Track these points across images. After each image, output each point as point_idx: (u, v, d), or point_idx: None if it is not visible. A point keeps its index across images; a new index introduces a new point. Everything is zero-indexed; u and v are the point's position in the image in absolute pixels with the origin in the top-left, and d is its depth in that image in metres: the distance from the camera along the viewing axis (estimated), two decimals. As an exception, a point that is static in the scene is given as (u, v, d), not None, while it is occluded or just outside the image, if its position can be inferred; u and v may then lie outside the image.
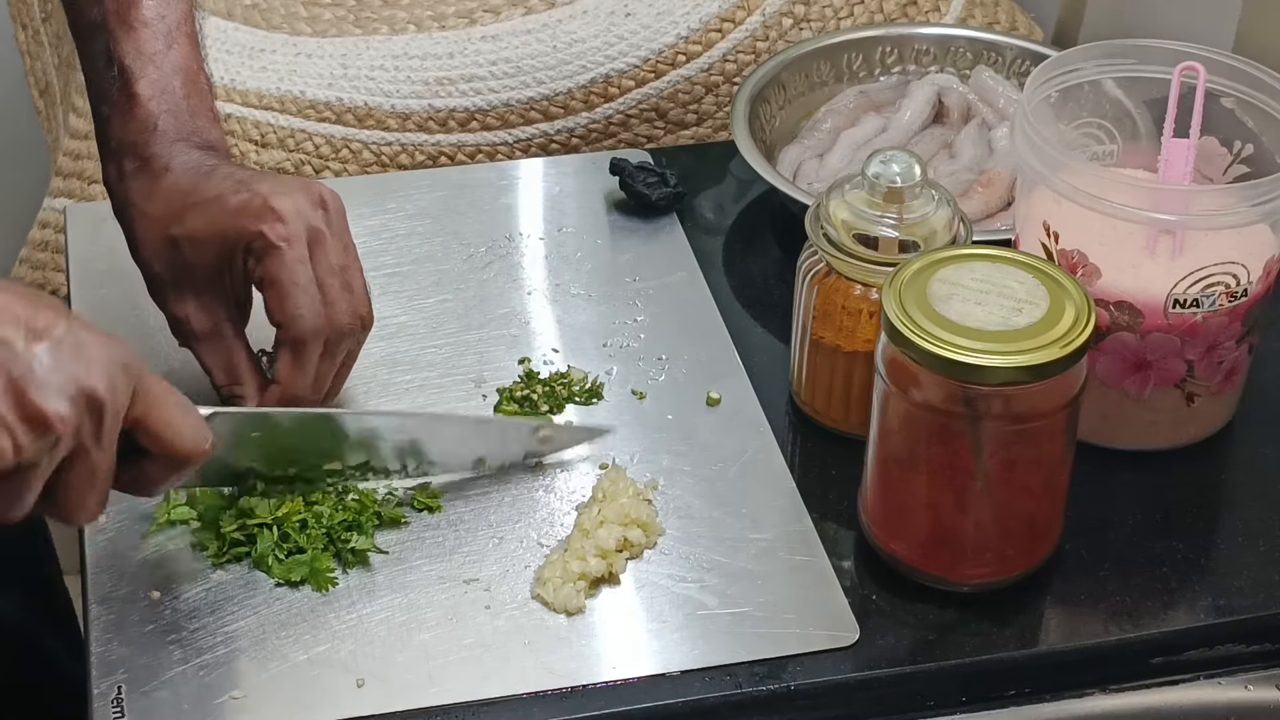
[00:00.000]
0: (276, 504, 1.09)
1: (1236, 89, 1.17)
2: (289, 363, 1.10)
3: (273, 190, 1.09)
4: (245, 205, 1.09)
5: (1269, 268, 1.14)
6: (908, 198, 1.13)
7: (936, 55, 1.51)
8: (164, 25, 1.15)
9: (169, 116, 1.14)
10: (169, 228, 1.11)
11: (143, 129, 1.13)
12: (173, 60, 1.15)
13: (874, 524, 1.11)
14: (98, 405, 0.90)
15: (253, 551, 1.08)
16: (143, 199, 1.12)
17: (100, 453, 0.92)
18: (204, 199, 1.10)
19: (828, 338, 1.17)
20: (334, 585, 1.07)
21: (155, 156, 1.12)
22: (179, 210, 1.11)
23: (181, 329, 1.13)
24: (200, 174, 1.11)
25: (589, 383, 1.22)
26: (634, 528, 1.10)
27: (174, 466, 0.98)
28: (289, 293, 1.08)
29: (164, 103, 1.14)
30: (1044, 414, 1.04)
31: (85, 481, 0.92)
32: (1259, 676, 1.09)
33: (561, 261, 1.34)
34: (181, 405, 0.97)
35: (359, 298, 1.12)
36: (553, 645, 1.05)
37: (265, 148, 1.59)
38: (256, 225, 1.08)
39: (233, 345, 1.13)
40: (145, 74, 1.14)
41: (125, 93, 1.14)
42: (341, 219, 1.12)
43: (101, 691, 1.02)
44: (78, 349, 0.90)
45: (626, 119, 1.61)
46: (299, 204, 1.09)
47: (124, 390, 0.92)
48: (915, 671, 1.06)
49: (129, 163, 1.13)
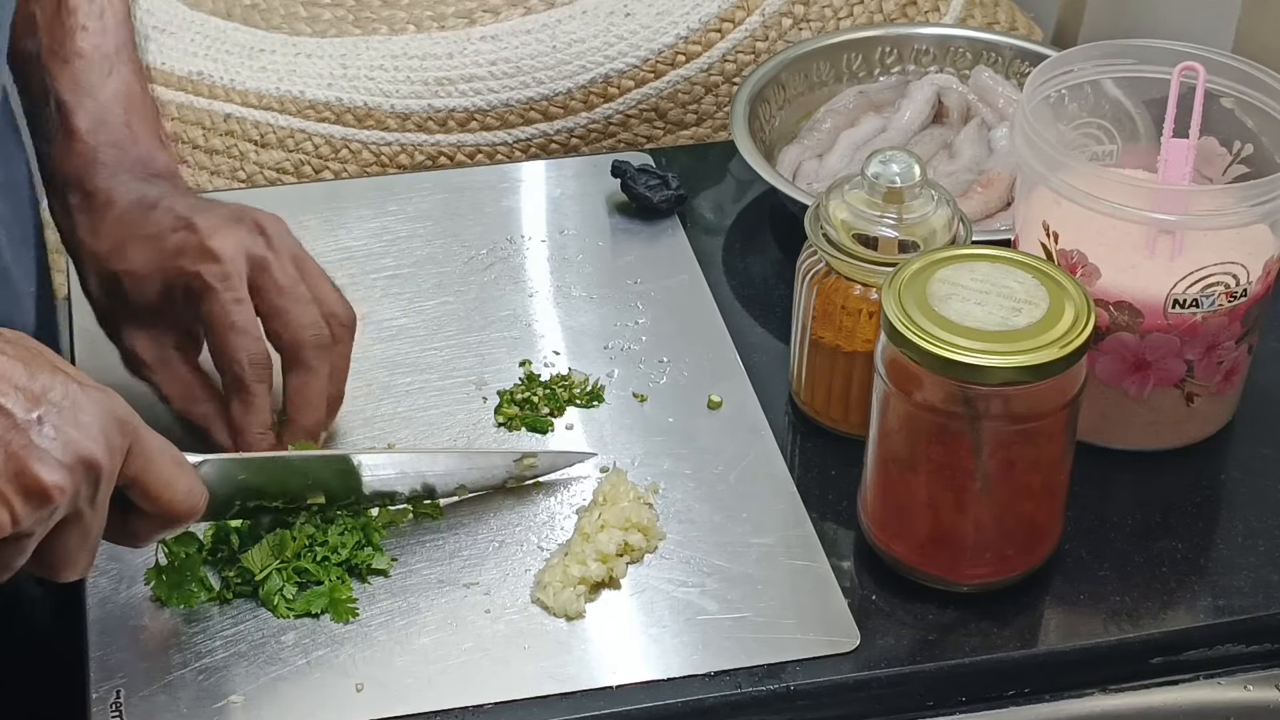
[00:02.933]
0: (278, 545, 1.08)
1: (1236, 89, 1.17)
2: (238, 406, 1.10)
3: (210, 228, 1.09)
4: (183, 245, 1.09)
5: (1269, 268, 1.14)
6: (907, 198, 1.13)
7: (936, 55, 1.51)
8: (100, 54, 1.15)
9: (109, 148, 1.13)
10: (110, 263, 1.11)
11: (84, 162, 1.13)
12: (112, 89, 1.14)
13: (874, 524, 1.11)
14: (95, 471, 0.90)
15: (260, 591, 1.07)
16: (87, 234, 1.12)
17: (94, 515, 0.91)
18: (144, 235, 1.10)
19: (827, 338, 1.17)
20: (355, 616, 1.06)
21: (98, 190, 1.12)
22: (120, 245, 1.11)
23: (132, 360, 1.13)
24: (143, 207, 1.11)
25: (590, 385, 1.22)
26: (634, 532, 1.10)
27: (165, 524, 0.97)
28: (225, 335, 1.08)
29: (103, 134, 1.13)
30: (1044, 414, 1.04)
31: (77, 544, 0.92)
32: (1259, 676, 1.09)
33: (563, 264, 1.34)
34: (176, 462, 0.96)
35: (329, 300, 1.12)
36: (552, 650, 1.05)
37: (265, 148, 1.59)
38: (194, 265, 1.08)
39: (182, 370, 1.13)
40: (83, 106, 1.13)
41: (64, 128, 1.13)
42: (285, 238, 1.12)
43: (100, 695, 1.02)
44: (75, 411, 0.89)
45: (626, 119, 1.61)
46: (238, 239, 1.09)
47: (120, 449, 0.91)
48: (915, 672, 1.06)
49: (73, 196, 1.13)
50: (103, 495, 0.91)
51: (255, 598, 1.07)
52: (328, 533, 1.08)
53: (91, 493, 0.91)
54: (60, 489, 0.88)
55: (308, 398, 1.11)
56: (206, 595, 1.07)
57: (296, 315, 1.10)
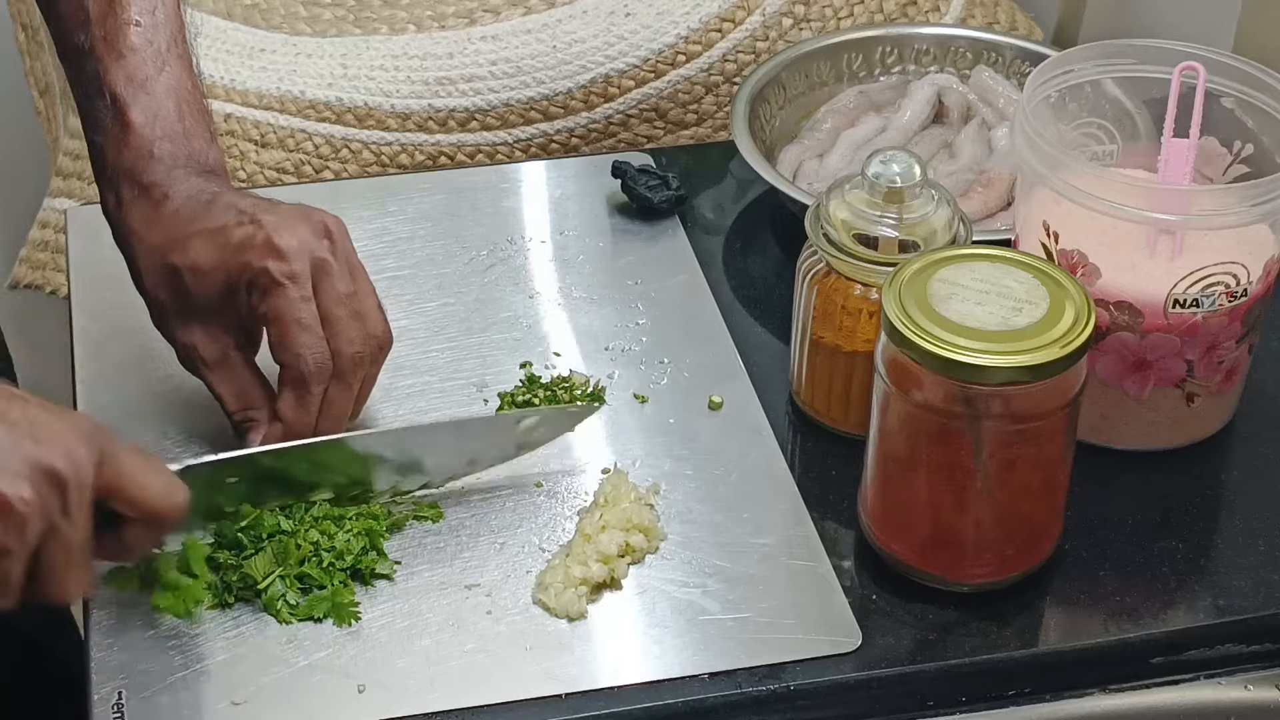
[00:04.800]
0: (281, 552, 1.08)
1: (1236, 89, 1.17)
2: (292, 402, 1.09)
3: (276, 224, 1.09)
4: (249, 239, 1.08)
5: (1269, 268, 1.14)
6: (908, 198, 1.13)
7: (936, 55, 1.51)
8: (153, 49, 1.14)
9: (165, 142, 1.13)
10: (171, 256, 1.10)
11: (139, 156, 1.12)
12: (165, 83, 1.14)
13: (874, 524, 1.11)
14: (60, 481, 0.90)
15: (262, 597, 1.07)
16: (143, 227, 1.12)
17: (72, 528, 0.92)
18: (206, 229, 1.10)
19: (828, 338, 1.17)
20: (358, 619, 1.06)
21: (154, 184, 1.12)
22: (181, 239, 1.10)
23: (189, 357, 1.13)
24: (201, 202, 1.11)
25: (591, 386, 1.22)
26: (636, 533, 1.10)
27: (153, 527, 0.98)
28: (292, 331, 1.08)
29: (159, 128, 1.13)
30: (1044, 414, 1.04)
31: (62, 558, 0.92)
32: (1259, 676, 1.09)
33: (563, 265, 1.34)
34: (150, 466, 0.96)
35: (373, 321, 1.11)
36: (554, 650, 1.05)
37: (265, 148, 1.59)
38: (260, 261, 1.08)
39: (243, 371, 1.12)
40: (138, 101, 1.13)
41: (119, 121, 1.13)
42: (346, 245, 1.12)
43: (102, 697, 1.02)
44: (33, 429, 0.90)
45: (626, 119, 1.61)
46: (303, 237, 1.09)
47: (86, 461, 0.92)
48: (915, 672, 1.06)
49: (127, 190, 1.13)
50: (76, 507, 0.91)
51: (256, 601, 1.07)
52: (334, 539, 1.08)
53: (63, 504, 0.91)
54: (23, 499, 0.88)
55: (334, 410, 1.11)
56: (208, 604, 1.07)
57: (345, 327, 1.09)
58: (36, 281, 1.66)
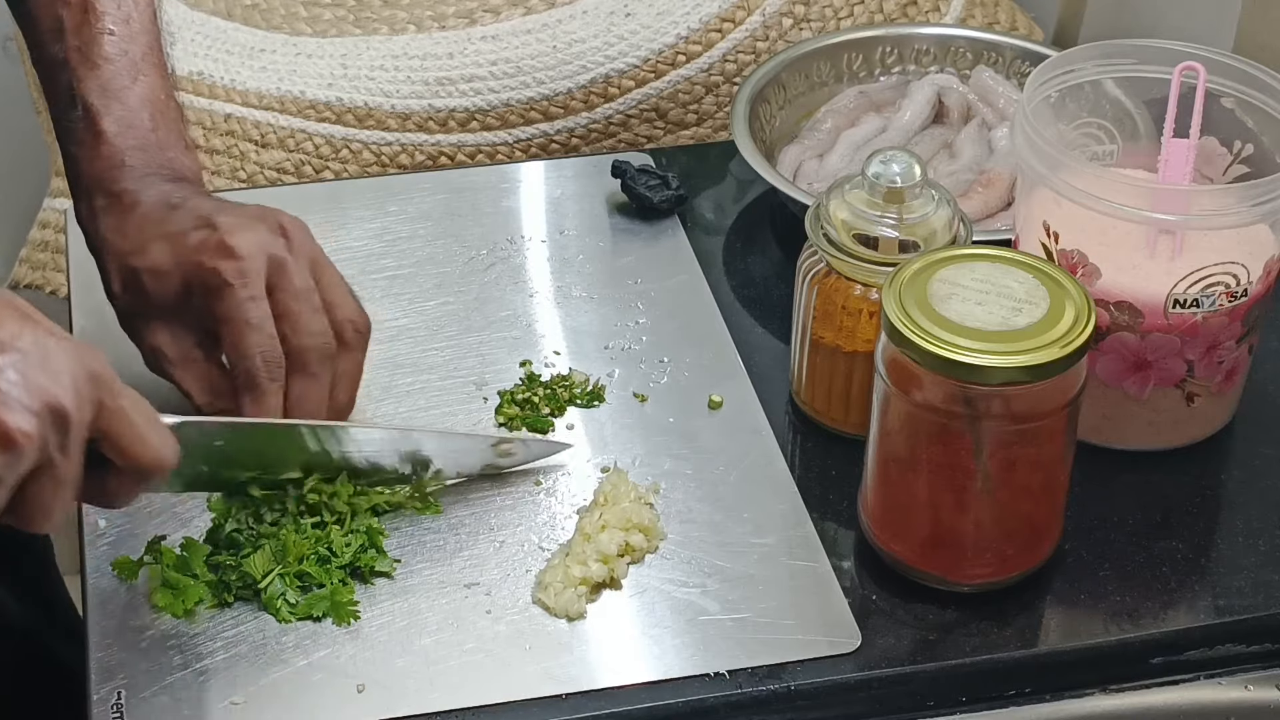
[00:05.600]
0: (280, 551, 1.08)
1: (1236, 89, 1.17)
2: (248, 401, 1.09)
3: (231, 226, 1.09)
4: (203, 242, 1.09)
5: (1269, 268, 1.14)
6: (908, 198, 1.13)
7: (936, 55, 1.51)
8: (128, 59, 1.15)
9: (137, 151, 1.13)
10: (132, 259, 1.11)
11: (110, 165, 1.13)
12: (139, 93, 1.15)
13: (874, 524, 1.11)
14: (63, 418, 0.89)
15: (262, 596, 1.07)
16: (112, 234, 1.12)
17: (66, 464, 0.91)
18: (167, 233, 1.10)
19: (828, 338, 1.17)
20: (357, 618, 1.06)
21: (125, 192, 1.12)
22: (144, 243, 1.11)
23: (155, 358, 1.13)
24: (167, 207, 1.11)
25: (590, 385, 1.22)
26: (635, 532, 1.10)
27: (139, 478, 0.97)
28: (240, 330, 1.08)
29: (131, 138, 1.14)
30: (1044, 414, 1.04)
31: (50, 493, 0.91)
32: (1259, 676, 1.09)
33: (563, 264, 1.34)
34: (147, 417, 0.95)
35: (345, 308, 1.12)
36: (553, 650, 1.05)
37: (265, 148, 1.59)
38: (212, 262, 1.08)
39: (207, 367, 1.13)
40: (110, 111, 1.14)
41: (91, 131, 1.13)
42: (306, 242, 1.12)
43: (101, 696, 1.02)
44: (44, 359, 0.89)
45: (626, 119, 1.61)
46: (258, 237, 1.09)
47: (89, 400, 0.91)
48: (915, 672, 1.06)
49: (99, 199, 1.13)
50: (74, 444, 0.91)
51: (256, 600, 1.07)
52: (331, 535, 1.08)
53: (61, 440, 0.90)
54: (27, 435, 0.87)
55: (306, 404, 1.11)
56: (208, 603, 1.07)
57: (305, 321, 1.09)
58: (36, 281, 1.66)
